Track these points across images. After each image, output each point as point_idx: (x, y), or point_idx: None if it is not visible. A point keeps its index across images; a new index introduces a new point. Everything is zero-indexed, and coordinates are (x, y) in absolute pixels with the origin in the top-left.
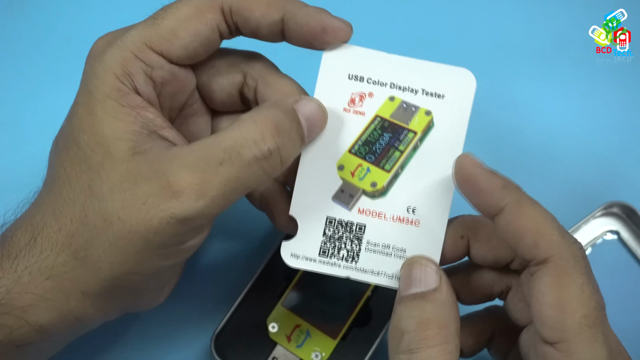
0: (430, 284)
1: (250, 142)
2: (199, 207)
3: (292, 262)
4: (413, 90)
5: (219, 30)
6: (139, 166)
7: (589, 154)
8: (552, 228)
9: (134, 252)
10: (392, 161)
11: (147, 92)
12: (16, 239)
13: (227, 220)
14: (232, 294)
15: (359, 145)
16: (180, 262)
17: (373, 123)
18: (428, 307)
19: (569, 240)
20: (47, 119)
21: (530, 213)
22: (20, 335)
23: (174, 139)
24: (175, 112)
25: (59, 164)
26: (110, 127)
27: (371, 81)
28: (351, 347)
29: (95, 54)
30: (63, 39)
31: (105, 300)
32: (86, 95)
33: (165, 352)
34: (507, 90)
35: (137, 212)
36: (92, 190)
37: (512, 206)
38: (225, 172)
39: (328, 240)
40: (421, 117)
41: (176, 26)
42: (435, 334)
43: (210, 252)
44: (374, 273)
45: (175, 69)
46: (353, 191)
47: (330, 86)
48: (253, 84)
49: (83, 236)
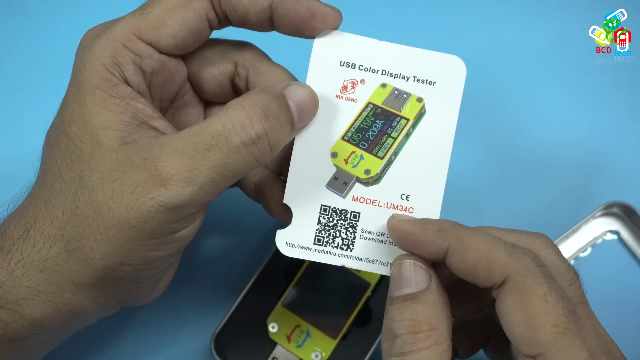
0: (420, 284)
1: (237, 126)
2: (188, 193)
3: (287, 251)
4: (405, 77)
5: (208, 19)
6: (128, 155)
7: (588, 154)
8: (499, 250)
9: (125, 241)
10: (385, 148)
11: (136, 82)
12: (9, 232)
13: (227, 220)
14: (232, 294)
15: (352, 132)
16: (174, 253)
17: (365, 110)
18: (419, 309)
19: (519, 255)
20: (47, 119)
21: (473, 245)
22: (15, 329)
23: (164, 129)
24: (167, 103)
25: (50, 156)
26: (99, 118)
27: (363, 68)
28: (351, 347)
29: (84, 45)
30: (63, 39)
31: (99, 292)
32: (76, 86)
33: (165, 352)
34: (507, 90)
35: (127, 201)
36: (82, 181)
37: (454, 246)
38: (213, 158)
39: (323, 229)
40: (413, 104)
41: (164, 15)
42: (427, 335)
43: (210, 252)
44: (369, 261)
45: (164, 59)
46: (347, 178)
47: (322, 73)
48: (244, 73)
49: (74, 227)
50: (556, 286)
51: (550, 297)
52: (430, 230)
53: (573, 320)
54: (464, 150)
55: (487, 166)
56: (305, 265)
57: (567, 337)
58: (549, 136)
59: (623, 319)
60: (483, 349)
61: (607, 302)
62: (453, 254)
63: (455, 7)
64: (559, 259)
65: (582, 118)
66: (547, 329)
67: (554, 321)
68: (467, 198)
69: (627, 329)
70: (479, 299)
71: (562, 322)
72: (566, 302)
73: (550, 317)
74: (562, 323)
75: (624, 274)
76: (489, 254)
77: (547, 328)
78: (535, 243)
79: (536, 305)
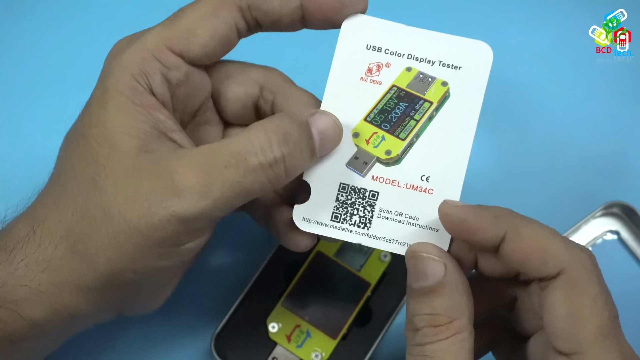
0: (436, 276)
1: (257, 148)
2: (201, 207)
3: (303, 225)
4: (430, 61)
5: (237, 28)
6: (144, 163)
7: (589, 154)
8: (556, 242)
9: (132, 248)
10: (407, 130)
11: (161, 93)
12: (15, 231)
13: (228, 220)
14: (232, 294)
15: (374, 114)
16: (177, 265)
17: (389, 92)
18: (438, 303)
19: (576, 250)
20: (48, 119)
21: (530, 234)
22: (14, 330)
23: (183, 143)
24: (188, 117)
25: (66, 157)
26: (120, 123)
27: (389, 52)
28: (351, 347)
29: (114, 54)
30: (64, 39)
31: (99, 297)
32: (101, 91)
33: (165, 352)
34: (506, 90)
35: (139, 207)
36: (95, 184)
37: (511, 234)
38: (229, 176)
39: (341, 206)
40: (437, 88)
41: (194, 25)
42: (447, 327)
43: (211, 252)
44: (385, 240)
45: (191, 70)
46: (367, 158)
47: (348, 55)
48: (270, 97)
49: (82, 229)
50: (606, 289)
51: (599, 299)
52: (486, 216)
53: (616, 325)
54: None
55: (486, 166)
56: (305, 265)
57: (607, 341)
58: (548, 136)
59: (623, 319)
60: (491, 350)
61: None
62: (508, 242)
63: (455, 7)
64: None
65: (582, 118)
66: (590, 329)
67: (599, 323)
68: (467, 198)
69: (627, 329)
70: (494, 300)
71: (607, 325)
72: (612, 306)
73: (596, 318)
74: (606, 326)
75: (624, 274)
76: (546, 245)
77: (591, 328)
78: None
79: (585, 304)
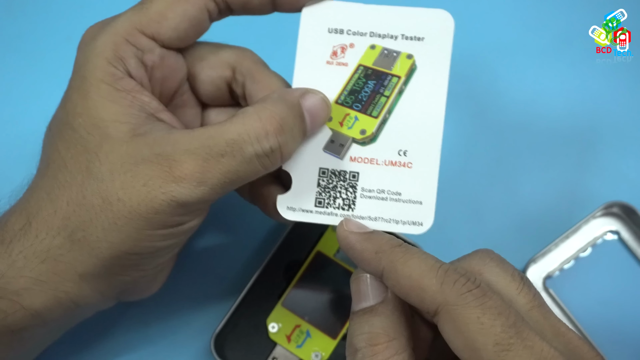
0: (377, 297)
1: (253, 138)
2: (199, 193)
3: (289, 215)
4: (392, 36)
5: (208, 10)
6: (139, 148)
7: (588, 154)
8: (430, 279)
9: (134, 231)
10: (378, 107)
11: (139, 76)
12: (10, 224)
13: (228, 220)
14: (232, 294)
15: (344, 95)
16: (178, 243)
17: (356, 72)
18: (376, 321)
19: (449, 284)
20: (48, 119)
21: (406, 272)
22: (15, 320)
23: (172, 122)
24: (166, 100)
25: (52, 148)
26: (107, 111)
27: (351, 32)
28: None
29: (86, 41)
30: (63, 38)
31: (102, 282)
32: (79, 80)
33: (165, 352)
34: (506, 90)
35: (138, 193)
36: (90, 172)
37: (388, 272)
38: (226, 164)
39: (323, 191)
40: (403, 61)
41: (164, 8)
42: (385, 347)
43: (211, 251)
44: (371, 219)
45: (165, 53)
46: (343, 140)
47: (312, 42)
48: (241, 80)
49: (80, 217)
50: (491, 304)
51: (485, 318)
52: (368, 251)
53: (515, 333)
54: (463, 149)
55: (486, 166)
56: (305, 265)
57: (512, 352)
58: (548, 136)
59: (623, 319)
60: None
61: (607, 302)
62: (387, 279)
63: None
64: (501, 270)
65: (582, 118)
66: (489, 350)
67: (494, 340)
68: (466, 198)
69: (627, 329)
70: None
71: (503, 339)
72: (505, 317)
73: (489, 338)
74: (504, 340)
75: (624, 274)
76: (421, 283)
77: (489, 349)
78: (473, 262)
79: (472, 330)
